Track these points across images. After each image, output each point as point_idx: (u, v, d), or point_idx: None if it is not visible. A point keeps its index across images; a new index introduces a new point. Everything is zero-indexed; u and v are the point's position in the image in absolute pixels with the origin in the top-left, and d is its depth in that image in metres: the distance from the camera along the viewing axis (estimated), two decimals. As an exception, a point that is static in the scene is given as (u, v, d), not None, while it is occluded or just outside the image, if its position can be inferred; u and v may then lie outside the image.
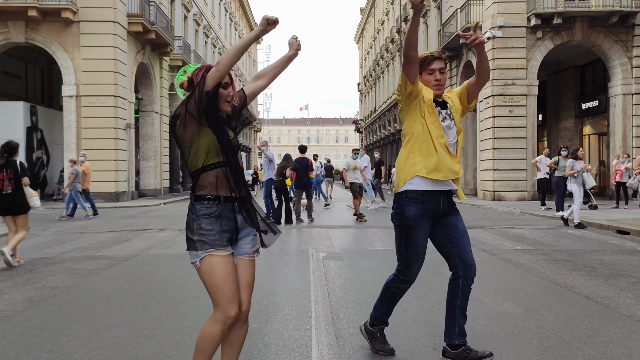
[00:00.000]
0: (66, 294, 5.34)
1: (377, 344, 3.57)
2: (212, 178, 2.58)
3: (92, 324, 4.26)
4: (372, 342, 3.59)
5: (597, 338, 3.86)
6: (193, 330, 4.03)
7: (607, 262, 7.13)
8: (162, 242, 9.37)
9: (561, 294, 5.28)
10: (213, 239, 2.52)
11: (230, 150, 2.63)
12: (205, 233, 2.52)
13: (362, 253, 7.98)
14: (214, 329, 2.57)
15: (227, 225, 2.58)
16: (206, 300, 4.91)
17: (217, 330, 2.56)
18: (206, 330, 2.59)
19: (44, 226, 12.25)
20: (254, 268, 2.73)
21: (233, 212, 2.61)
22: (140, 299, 5.10)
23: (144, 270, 6.67)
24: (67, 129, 20.60)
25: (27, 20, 20.12)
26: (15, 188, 7.07)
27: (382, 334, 3.60)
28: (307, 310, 4.59)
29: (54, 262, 7.31)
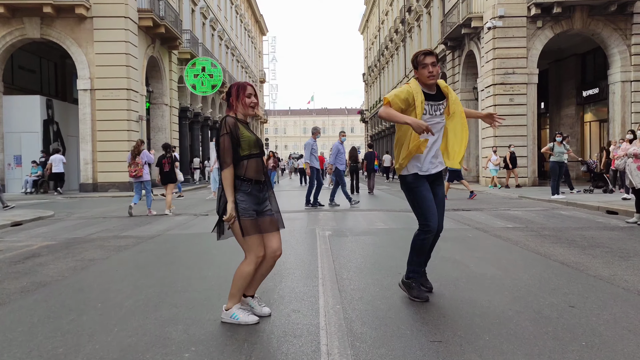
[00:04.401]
0: (104, 264, 6.10)
1: (415, 292, 4.25)
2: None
3: (133, 284, 5.01)
4: (409, 292, 4.29)
5: (561, 291, 4.56)
6: (218, 288, 4.76)
7: (589, 236, 7.82)
8: (180, 225, 10.12)
9: (539, 260, 5.98)
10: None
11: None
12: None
13: (365, 231, 8.70)
14: (248, 267, 3.71)
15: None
16: (226, 267, 5.68)
17: (251, 268, 3.71)
18: (243, 269, 3.73)
19: (67, 212, 13.03)
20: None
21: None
22: (170, 267, 5.85)
23: (168, 246, 7.43)
24: (83, 122, 21.41)
25: (42, 16, 20.90)
26: (171, 168, 12.36)
27: (417, 283, 4.28)
28: (315, 273, 5.31)
29: (85, 241, 8.08)
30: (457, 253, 6.36)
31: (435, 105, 4.17)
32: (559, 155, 14.28)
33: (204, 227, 9.72)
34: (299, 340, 3.35)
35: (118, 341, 3.36)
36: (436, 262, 5.78)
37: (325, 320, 3.72)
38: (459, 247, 6.83)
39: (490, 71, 21.92)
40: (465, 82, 26.37)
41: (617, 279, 4.96)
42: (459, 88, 26.82)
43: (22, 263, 6.24)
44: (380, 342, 3.29)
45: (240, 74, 51.15)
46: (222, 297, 4.43)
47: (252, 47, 61.66)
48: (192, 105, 32.30)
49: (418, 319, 3.77)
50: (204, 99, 34.18)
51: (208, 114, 35.83)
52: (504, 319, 3.70)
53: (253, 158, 3.68)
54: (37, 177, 21.27)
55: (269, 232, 3.77)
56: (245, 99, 3.73)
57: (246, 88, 3.76)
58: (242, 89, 3.75)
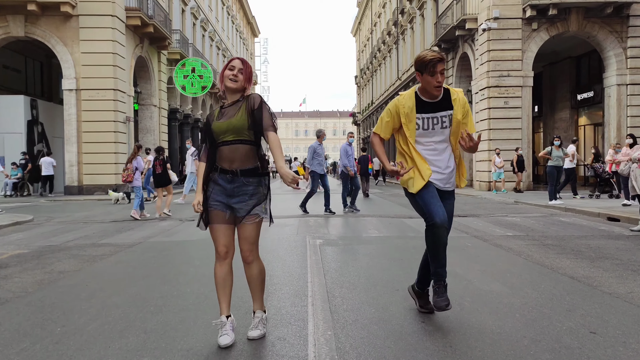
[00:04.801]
0: (75, 277, 5.59)
1: (422, 302, 4.08)
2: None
3: (101, 302, 4.50)
4: (419, 301, 4.10)
5: (577, 312, 4.11)
6: (196, 308, 4.28)
7: (595, 246, 7.39)
8: (164, 231, 9.61)
9: (546, 274, 5.54)
10: None
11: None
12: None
13: (357, 240, 8.23)
14: (215, 265, 3.54)
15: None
16: (207, 282, 5.18)
17: (215, 266, 3.52)
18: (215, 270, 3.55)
19: (47, 217, 12.48)
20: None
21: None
22: (146, 281, 5.34)
23: (147, 256, 6.92)
24: (68, 122, 20.81)
25: (26, 14, 20.31)
26: (163, 170, 12.41)
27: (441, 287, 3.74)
28: (304, 289, 4.83)
29: (60, 249, 7.55)
30: (457, 265, 5.89)
31: (435, 118, 3.72)
32: (557, 159, 13.90)
33: (189, 233, 9.21)
34: (284, 377, 2.87)
35: (72, 378, 2.87)
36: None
37: (315, 352, 3.24)
38: (459, 258, 6.37)
39: (485, 74, 21.55)
40: (459, 84, 25.99)
41: (635, 298, 4.52)
42: (452, 91, 26.43)
43: (-14, 276, 5.72)
44: (378, 380, 2.81)
45: (231, 75, 50.46)
46: (200, 319, 3.95)
47: (243, 48, 61.11)
48: (182, 107, 31.71)
49: (421, 349, 3.29)
50: (194, 100, 33.61)
51: (198, 115, 35.23)
52: (519, 350, 3.23)
53: (225, 145, 3.37)
54: (17, 179, 20.64)
55: (238, 230, 3.50)
56: (224, 72, 3.43)
57: (231, 61, 3.46)
58: (228, 62, 3.48)
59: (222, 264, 3.48)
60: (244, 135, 3.35)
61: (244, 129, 3.34)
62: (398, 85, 39.96)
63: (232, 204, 3.40)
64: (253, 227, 3.45)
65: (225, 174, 3.38)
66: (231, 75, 3.38)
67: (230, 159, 3.37)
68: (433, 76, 3.59)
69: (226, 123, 3.35)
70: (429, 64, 3.57)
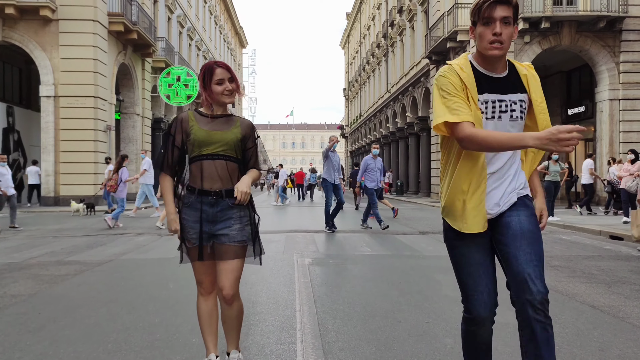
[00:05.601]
0: (28, 303, 4.86)
1: None
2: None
3: (51, 336, 3.80)
4: None
5: (611, 352, 3.51)
6: (164, 345, 3.60)
7: (606, 268, 6.82)
8: (139, 247, 8.88)
9: (564, 302, 4.93)
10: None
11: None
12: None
13: (349, 259, 7.58)
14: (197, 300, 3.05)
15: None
16: (181, 311, 4.50)
17: (198, 302, 3.03)
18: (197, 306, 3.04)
19: (14, 230, 11.67)
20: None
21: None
22: (108, 308, 4.64)
23: (116, 277, 6.20)
24: (45, 131, 19.97)
25: (4, 18, 19.56)
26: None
27: None
28: (292, 322, 4.17)
29: (20, 267, 6.81)
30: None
31: (504, 103, 2.30)
32: (555, 174, 13.42)
33: (165, 250, 8.48)
34: None
35: None
36: (442, 305, 4.70)
37: (306, 411, 2.58)
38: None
39: (477, 86, 21.14)
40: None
41: (672, 333, 3.93)
42: (443, 103, 26.07)
43: None
44: None
45: (218, 85, 49.90)
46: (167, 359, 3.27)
47: (231, 59, 60.55)
48: (167, 116, 30.93)
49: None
50: (178, 109, 32.86)
51: (183, 125, 34.44)
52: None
53: (203, 160, 2.83)
54: None
55: (220, 262, 2.89)
56: (213, 87, 2.83)
57: (214, 72, 2.84)
58: (209, 73, 2.85)
59: (207, 298, 2.99)
60: (234, 152, 2.88)
61: (237, 146, 2.88)
62: (387, 97, 39.60)
63: (215, 232, 2.85)
64: (238, 259, 2.89)
65: (206, 195, 2.83)
66: (225, 91, 2.85)
67: (212, 177, 2.82)
68: (489, 25, 2.21)
69: (219, 134, 2.84)
70: (481, 7, 2.22)
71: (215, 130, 2.85)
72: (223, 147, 2.83)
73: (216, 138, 2.83)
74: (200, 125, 2.86)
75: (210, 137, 2.82)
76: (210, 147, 2.82)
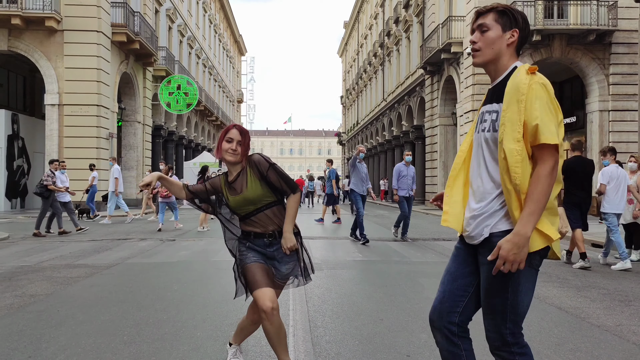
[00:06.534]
0: (46, 302, 5.35)
1: None
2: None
3: (71, 330, 4.29)
4: None
5: (566, 346, 4.00)
6: (172, 337, 4.09)
7: (580, 274, 7.32)
8: (143, 252, 9.36)
9: (534, 304, 5.41)
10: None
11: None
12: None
13: (341, 264, 8.07)
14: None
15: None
16: (185, 308, 4.99)
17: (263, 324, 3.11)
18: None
19: (23, 234, 12.15)
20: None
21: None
22: (120, 307, 5.13)
23: (123, 279, 6.69)
24: (49, 138, 20.47)
25: (10, 28, 20.08)
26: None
27: None
28: (285, 319, 4.66)
29: (34, 270, 7.29)
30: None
31: (483, 114, 2.30)
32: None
33: (169, 254, 8.98)
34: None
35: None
36: (421, 305, 5.19)
37: (295, 389, 3.08)
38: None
39: (470, 97, 21.71)
40: (444, 107, 26.17)
41: (624, 331, 4.43)
42: (437, 113, 26.62)
43: (-48, 299, 5.46)
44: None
45: (217, 93, 50.52)
46: (175, 351, 3.76)
47: (230, 66, 61.18)
48: (167, 124, 31.46)
49: (406, 386, 3.15)
50: (178, 117, 33.41)
51: (183, 132, 35.01)
52: (508, 389, 3.09)
53: (252, 216, 3.14)
54: None
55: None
56: (223, 143, 3.11)
57: (229, 131, 3.13)
58: (225, 130, 3.14)
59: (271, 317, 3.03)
60: (265, 201, 3.12)
61: (264, 195, 3.11)
62: (384, 106, 40.17)
63: (275, 266, 3.19)
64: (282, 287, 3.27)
65: (261, 238, 3.14)
66: (230, 150, 3.09)
67: (263, 225, 3.13)
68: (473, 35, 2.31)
69: (241, 197, 3.10)
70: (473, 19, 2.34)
71: (238, 195, 3.10)
72: (253, 205, 3.09)
73: (242, 201, 3.09)
74: (229, 193, 3.13)
75: (238, 202, 3.10)
76: (245, 208, 3.11)
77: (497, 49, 2.22)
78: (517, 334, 2.19)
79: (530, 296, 2.21)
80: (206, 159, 27.69)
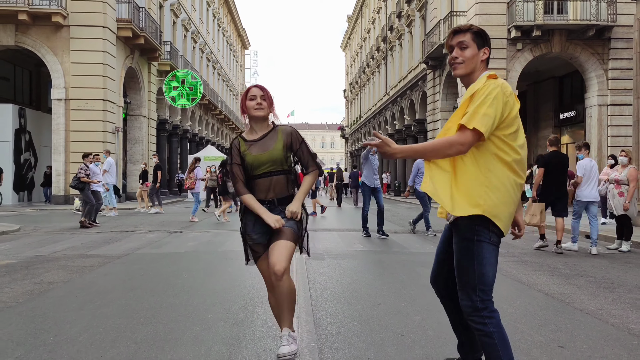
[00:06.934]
0: (64, 288, 5.70)
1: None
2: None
3: (91, 313, 4.63)
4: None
5: (548, 327, 4.33)
6: (185, 319, 4.43)
7: (571, 263, 7.65)
8: (151, 243, 9.71)
9: (523, 290, 5.76)
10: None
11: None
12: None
13: (343, 254, 8.41)
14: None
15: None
16: (195, 293, 5.34)
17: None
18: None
19: (34, 226, 12.51)
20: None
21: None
22: (134, 293, 5.47)
23: (135, 268, 7.04)
24: (56, 132, 20.84)
25: (17, 23, 20.39)
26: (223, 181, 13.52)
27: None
28: (290, 303, 5.00)
29: (49, 259, 7.64)
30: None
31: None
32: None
33: (177, 245, 9.34)
34: (269, 386, 3.04)
35: (66, 385, 3.01)
36: (417, 291, 5.53)
37: (299, 362, 3.42)
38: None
39: (471, 91, 21.94)
40: (445, 101, 26.44)
41: (604, 314, 4.75)
42: (439, 107, 26.88)
43: (-24, 285, 5.81)
44: (357, 390, 2.99)
45: (221, 87, 50.80)
46: (188, 331, 4.10)
47: (233, 60, 61.41)
48: (171, 118, 31.82)
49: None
50: (183, 111, 33.74)
51: (187, 126, 35.36)
52: (490, 362, 3.43)
53: (263, 177, 3.32)
54: None
55: (273, 243, 3.28)
56: (247, 102, 3.35)
57: (249, 90, 3.39)
58: (246, 92, 3.40)
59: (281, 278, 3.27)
60: (282, 166, 3.33)
61: (283, 160, 3.33)
62: (386, 100, 40.41)
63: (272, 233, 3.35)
64: (289, 240, 3.27)
65: (265, 204, 3.33)
66: (255, 105, 3.31)
67: (266, 189, 3.32)
68: (451, 53, 2.71)
69: (267, 155, 3.29)
70: (448, 37, 2.77)
71: (262, 152, 3.29)
72: (272, 166, 3.28)
73: (264, 159, 3.27)
74: (250, 151, 3.32)
75: (259, 160, 3.28)
76: (260, 168, 3.28)
77: (474, 64, 2.65)
78: (487, 300, 2.62)
79: (494, 269, 2.64)
80: (210, 152, 28.00)
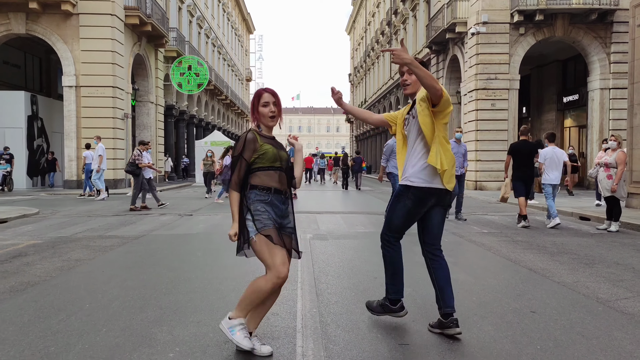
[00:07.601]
0: (91, 264, 6.28)
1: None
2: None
3: (118, 285, 5.20)
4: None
5: (525, 296, 4.85)
6: (202, 290, 4.98)
7: (559, 243, 8.15)
8: (164, 225, 10.29)
9: (509, 266, 6.29)
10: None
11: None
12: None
13: (345, 235, 8.95)
14: (266, 286, 3.27)
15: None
16: (209, 270, 5.90)
17: (268, 288, 3.28)
18: (260, 285, 3.29)
19: (52, 210, 13.12)
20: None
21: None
22: (154, 269, 6.04)
23: (153, 247, 7.62)
24: (67, 119, 21.40)
25: (27, 12, 20.83)
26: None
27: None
28: (294, 277, 5.54)
29: (71, 240, 8.23)
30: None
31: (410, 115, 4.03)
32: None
33: (188, 227, 9.91)
34: (277, 342, 3.59)
35: (106, 341, 3.57)
36: (410, 267, 6.04)
37: (302, 323, 3.97)
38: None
39: (473, 76, 22.31)
40: (449, 86, 26.76)
41: (579, 286, 5.27)
42: (442, 92, 27.17)
43: (10, 262, 6.40)
44: (352, 345, 3.54)
45: (226, 72, 51.15)
46: (205, 299, 4.65)
47: (238, 45, 61.63)
48: (178, 104, 32.33)
49: (389, 323, 4.03)
50: (189, 97, 34.22)
51: (194, 112, 35.87)
52: (468, 324, 3.97)
53: (273, 170, 3.38)
54: (7, 172, 20.67)
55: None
56: (260, 109, 3.41)
57: (261, 96, 3.43)
58: (257, 97, 3.45)
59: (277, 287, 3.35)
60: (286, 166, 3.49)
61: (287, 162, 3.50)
62: (391, 84, 40.68)
63: (284, 225, 3.42)
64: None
65: (279, 194, 3.39)
66: (270, 113, 3.39)
67: (282, 182, 3.41)
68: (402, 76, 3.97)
69: (283, 153, 3.46)
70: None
71: (280, 149, 3.44)
72: (284, 162, 3.44)
73: (281, 156, 3.42)
74: (268, 144, 3.39)
75: (283, 155, 3.44)
76: (277, 162, 3.38)
77: (419, 85, 3.81)
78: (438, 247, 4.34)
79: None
80: (216, 137, 28.53)
